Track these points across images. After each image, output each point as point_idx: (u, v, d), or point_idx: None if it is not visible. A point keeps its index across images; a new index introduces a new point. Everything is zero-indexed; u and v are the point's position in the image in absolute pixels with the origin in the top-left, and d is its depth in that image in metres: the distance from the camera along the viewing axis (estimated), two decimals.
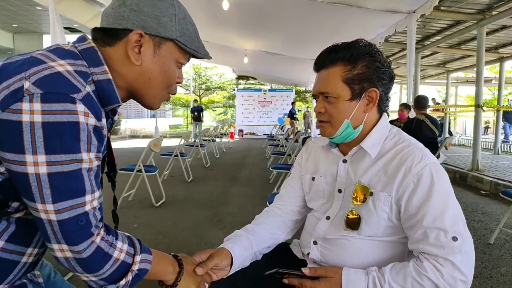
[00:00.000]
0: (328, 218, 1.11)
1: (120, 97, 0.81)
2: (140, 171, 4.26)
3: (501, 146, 9.34)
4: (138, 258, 0.78)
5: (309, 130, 18.65)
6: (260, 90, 18.88)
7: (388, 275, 0.91)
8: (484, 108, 6.37)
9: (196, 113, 14.56)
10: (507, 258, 2.86)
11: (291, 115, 16.35)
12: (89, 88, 0.71)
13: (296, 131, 15.33)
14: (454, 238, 0.89)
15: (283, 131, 13.61)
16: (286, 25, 7.56)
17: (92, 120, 0.69)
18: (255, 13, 7.04)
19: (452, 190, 0.96)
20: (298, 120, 17.52)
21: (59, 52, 0.73)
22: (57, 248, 0.69)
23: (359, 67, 1.00)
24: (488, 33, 6.81)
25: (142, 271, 0.79)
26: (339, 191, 1.10)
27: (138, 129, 19.45)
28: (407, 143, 1.02)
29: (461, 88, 19.19)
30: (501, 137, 9.50)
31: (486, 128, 21.58)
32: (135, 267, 0.77)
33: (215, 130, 10.76)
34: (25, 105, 0.62)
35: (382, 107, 1.06)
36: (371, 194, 1.00)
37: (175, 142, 13.60)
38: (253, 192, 5.15)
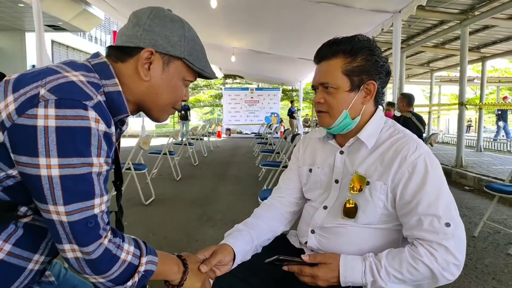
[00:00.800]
0: (325, 207, 1.13)
1: (129, 109, 0.86)
2: (129, 169, 4.24)
3: (483, 144, 9.57)
4: (144, 259, 0.80)
5: (296, 130, 18.74)
6: (247, 89, 18.89)
7: (385, 260, 0.95)
8: (467, 106, 6.51)
9: (183, 112, 14.50)
10: (491, 250, 2.95)
11: (291, 113, 16.23)
12: (100, 98, 0.75)
13: (296, 130, 15.32)
14: (447, 224, 0.92)
15: (271, 129, 13.63)
16: (273, 23, 7.60)
17: (102, 126, 0.72)
18: (243, 11, 7.05)
19: (445, 178, 1.00)
20: (296, 119, 17.51)
21: (73, 64, 0.78)
22: (68, 248, 0.71)
23: (359, 59, 1.03)
24: (470, 33, 6.98)
25: (148, 272, 0.81)
26: (336, 181, 1.13)
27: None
28: (402, 134, 1.06)
29: (444, 87, 19.56)
30: (483, 135, 9.72)
31: (469, 126, 22.07)
32: (142, 268, 0.79)
33: (203, 129, 10.73)
34: (40, 110, 0.66)
35: (378, 100, 1.10)
36: (368, 183, 1.03)
37: (161, 141, 13.51)
38: (243, 190, 5.17)
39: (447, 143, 13.05)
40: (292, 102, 17.29)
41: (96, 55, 0.85)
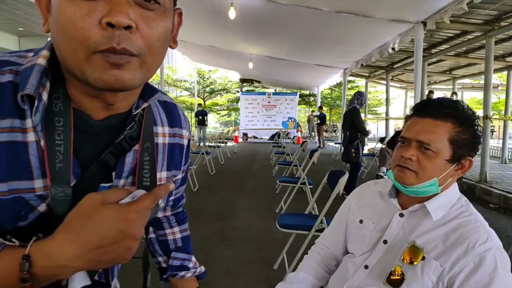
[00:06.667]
0: (366, 267, 1.06)
1: (78, 93, 0.56)
2: None
3: (508, 155, 9.26)
4: None
5: (313, 134, 18.62)
6: (264, 93, 18.89)
7: None
8: (492, 119, 6.31)
9: (200, 117, 14.56)
10: None
11: (321, 120, 15.51)
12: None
13: (323, 139, 15.00)
14: None
15: (288, 138, 13.49)
16: (291, 32, 7.58)
17: None
18: (261, 21, 7.06)
19: None
20: (326, 125, 16.94)
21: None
22: None
23: (467, 133, 0.97)
24: (496, 43, 6.76)
25: None
26: (385, 242, 1.05)
27: None
28: (473, 218, 0.97)
29: (466, 93, 19.10)
30: (509, 145, 9.39)
31: (492, 131, 21.36)
32: None
33: (220, 136, 10.74)
34: None
35: (462, 176, 1.04)
36: (423, 258, 0.95)
37: None
38: (259, 204, 5.12)
39: None
40: (320, 107, 16.41)
41: None
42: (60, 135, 0.54)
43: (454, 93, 10.06)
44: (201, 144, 7.93)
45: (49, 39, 0.55)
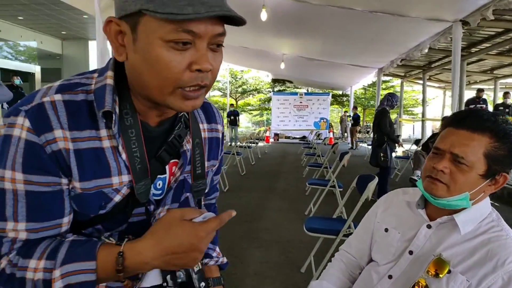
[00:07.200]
0: (390, 277, 1.06)
1: (140, 106, 0.70)
2: None
3: None
4: (57, 272, 0.60)
5: (345, 134, 18.33)
6: (296, 93, 18.82)
7: None
8: None
9: (232, 117, 14.73)
10: None
11: (355, 120, 14.86)
12: (48, 99, 0.63)
13: (356, 140, 14.71)
14: None
15: (320, 138, 13.35)
16: (324, 32, 7.52)
17: (24, 134, 0.60)
18: (292, 21, 7.05)
19: None
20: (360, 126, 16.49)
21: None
22: None
23: (505, 148, 0.93)
24: None
25: (80, 286, 0.61)
26: (410, 252, 1.04)
27: None
28: (505, 234, 0.94)
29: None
30: None
31: None
32: (57, 285, 0.60)
33: (251, 136, 10.80)
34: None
35: (497, 191, 1.00)
36: (449, 271, 0.93)
37: None
38: (289, 206, 5.13)
39: None
40: (355, 108, 15.85)
41: None
42: (135, 143, 0.69)
43: (507, 93, 9.50)
44: (233, 144, 8.02)
45: (89, 42, 0.71)
